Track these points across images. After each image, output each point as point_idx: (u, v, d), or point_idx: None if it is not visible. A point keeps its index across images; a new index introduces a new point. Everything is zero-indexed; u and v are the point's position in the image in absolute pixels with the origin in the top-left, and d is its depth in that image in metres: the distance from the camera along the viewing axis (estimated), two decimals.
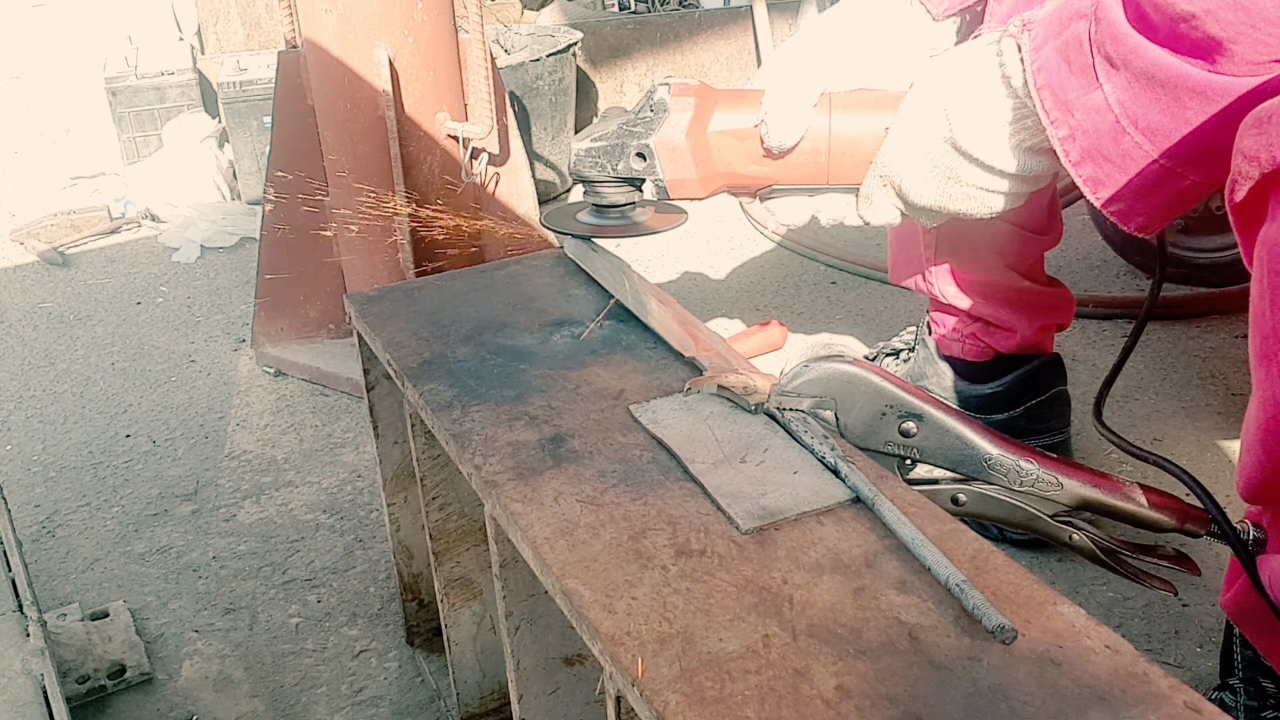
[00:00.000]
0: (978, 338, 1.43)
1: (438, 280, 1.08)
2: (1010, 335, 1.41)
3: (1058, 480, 0.76)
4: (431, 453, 0.98)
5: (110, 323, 2.17)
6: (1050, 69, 0.79)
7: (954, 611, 0.60)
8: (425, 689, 1.19)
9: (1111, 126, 0.77)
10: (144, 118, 2.93)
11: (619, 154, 0.98)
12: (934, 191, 0.90)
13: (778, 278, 2.19)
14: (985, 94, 0.85)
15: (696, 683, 0.56)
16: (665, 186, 0.98)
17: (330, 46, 1.59)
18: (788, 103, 0.93)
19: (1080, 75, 0.77)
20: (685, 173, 0.98)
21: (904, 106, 0.90)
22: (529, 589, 0.79)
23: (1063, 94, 0.79)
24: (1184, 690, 0.54)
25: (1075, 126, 0.79)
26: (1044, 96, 0.80)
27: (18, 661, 0.94)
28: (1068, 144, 0.80)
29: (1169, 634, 1.19)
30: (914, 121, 0.89)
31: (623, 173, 0.99)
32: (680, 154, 0.97)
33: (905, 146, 0.90)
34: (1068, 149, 0.80)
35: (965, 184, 0.89)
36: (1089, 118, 0.78)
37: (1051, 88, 0.79)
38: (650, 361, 0.90)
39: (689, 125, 0.97)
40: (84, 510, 1.55)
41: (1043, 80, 0.80)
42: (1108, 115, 0.77)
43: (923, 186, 0.90)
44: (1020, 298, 1.40)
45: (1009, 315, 1.40)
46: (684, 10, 3.33)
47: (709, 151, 0.98)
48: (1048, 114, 0.80)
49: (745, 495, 0.70)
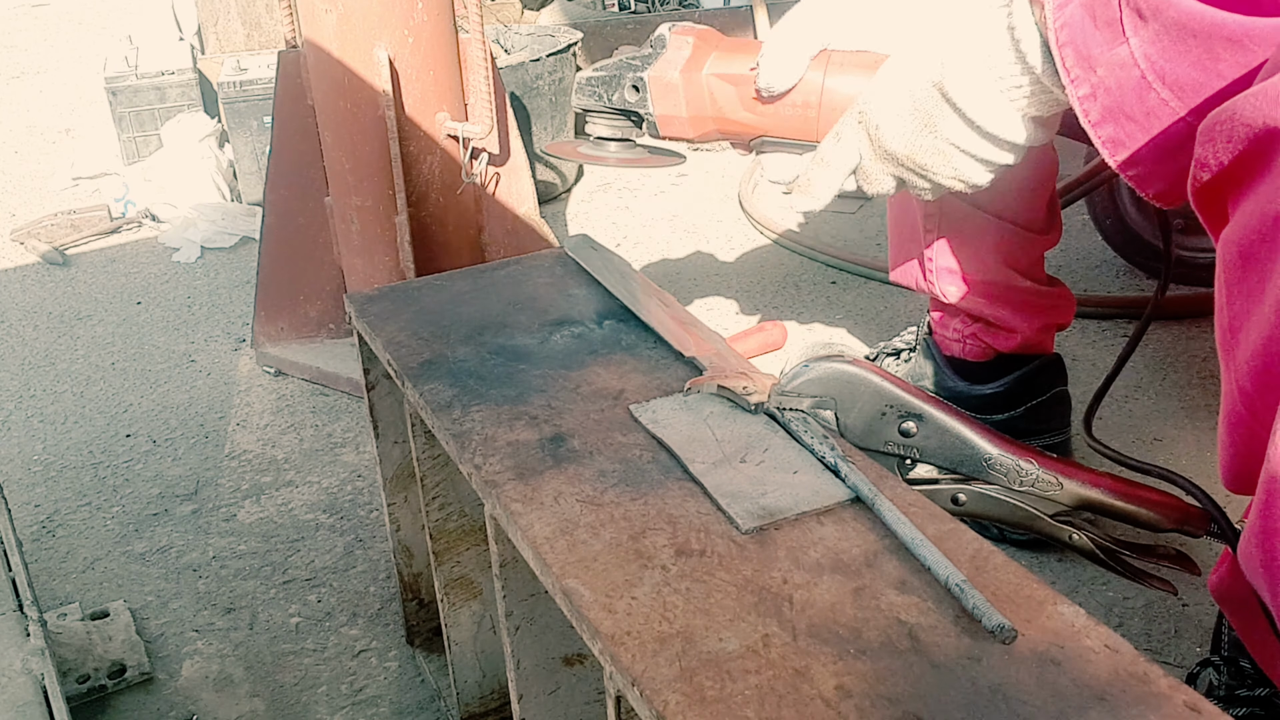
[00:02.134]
0: (979, 338, 1.43)
1: (438, 280, 1.08)
2: (1011, 336, 1.41)
3: (1057, 480, 0.76)
4: (431, 452, 0.98)
5: (110, 323, 2.17)
6: (1074, 25, 0.76)
7: (954, 611, 0.60)
8: (425, 689, 1.19)
9: (1137, 82, 0.74)
10: (144, 118, 2.93)
11: (615, 84, 1.00)
12: (907, 137, 0.88)
13: (778, 278, 2.19)
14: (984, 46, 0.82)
15: (696, 682, 0.56)
16: (655, 121, 1.00)
17: (330, 46, 1.59)
18: (785, 49, 0.92)
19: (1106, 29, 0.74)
20: (676, 110, 0.98)
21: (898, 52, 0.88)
22: (529, 589, 0.79)
23: (1085, 50, 0.76)
24: (1184, 690, 0.54)
25: (1097, 84, 0.76)
26: (1065, 54, 0.77)
27: (18, 661, 0.94)
28: (1088, 103, 0.77)
29: (1169, 634, 1.19)
30: (905, 62, 0.87)
31: (617, 103, 1.00)
32: (673, 90, 0.98)
33: (890, 84, 0.87)
34: (1088, 108, 0.77)
35: (940, 137, 0.86)
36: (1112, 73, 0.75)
37: (1074, 44, 0.76)
38: (650, 361, 0.90)
39: (685, 63, 0.97)
40: (84, 510, 1.55)
41: (1065, 37, 0.77)
42: (1133, 70, 0.74)
43: (898, 128, 0.88)
44: (1021, 298, 1.39)
45: (1010, 315, 1.40)
46: (684, 10, 3.33)
47: (701, 92, 0.98)
48: (1068, 71, 0.77)
49: (745, 495, 0.70)
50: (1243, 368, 0.70)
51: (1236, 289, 0.69)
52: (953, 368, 1.46)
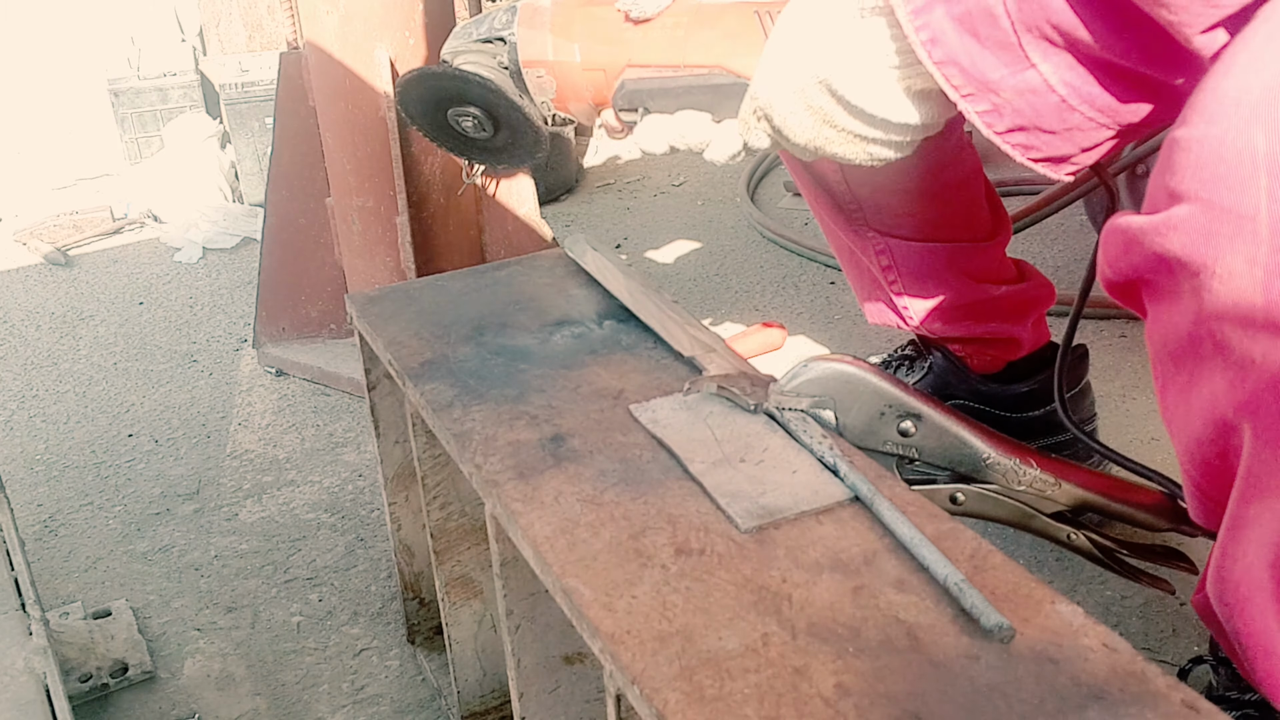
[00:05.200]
0: (983, 353, 1.40)
1: (438, 280, 1.09)
2: (1015, 346, 1.38)
3: (1056, 480, 0.76)
4: (432, 452, 0.98)
5: (113, 323, 2.17)
6: (950, 42, 0.70)
7: (952, 610, 0.60)
8: (426, 687, 1.19)
9: (1057, 105, 0.70)
10: (146, 119, 2.94)
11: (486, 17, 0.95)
12: (809, 133, 0.80)
13: (777, 278, 2.19)
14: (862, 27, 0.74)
15: (696, 681, 0.56)
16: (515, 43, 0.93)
17: (331, 48, 1.59)
18: None
19: (1001, 52, 0.69)
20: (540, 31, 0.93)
21: (778, 24, 0.79)
22: (529, 588, 0.79)
23: (978, 73, 0.70)
24: (1181, 689, 0.54)
25: (1001, 104, 0.71)
26: (949, 73, 0.71)
27: (20, 660, 0.94)
28: (990, 117, 0.72)
29: (1166, 633, 1.20)
30: (784, 49, 0.78)
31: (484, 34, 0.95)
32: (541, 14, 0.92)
33: (776, 79, 0.79)
34: (990, 121, 0.72)
35: (842, 129, 0.79)
36: (1021, 97, 0.70)
37: (959, 65, 0.70)
38: (650, 361, 0.90)
39: None
40: (86, 509, 1.55)
41: (941, 55, 0.70)
42: (1049, 96, 0.70)
43: (797, 126, 0.80)
44: (1004, 304, 1.35)
45: (1001, 325, 1.36)
46: None
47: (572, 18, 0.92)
48: (958, 89, 0.71)
49: (744, 494, 0.71)
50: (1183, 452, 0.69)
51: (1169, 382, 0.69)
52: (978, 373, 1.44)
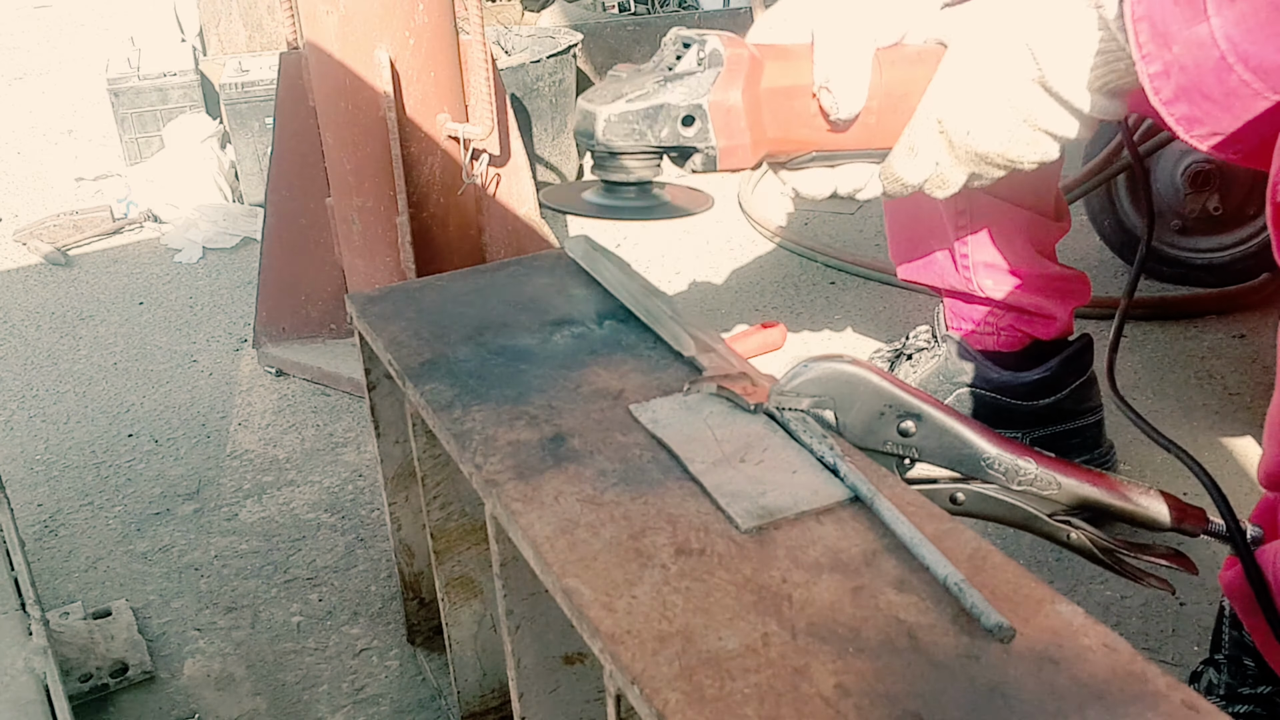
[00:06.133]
0: (1015, 328, 1.46)
1: (438, 280, 1.09)
2: (1050, 323, 1.44)
3: (1056, 479, 0.76)
4: (432, 452, 0.98)
5: (113, 323, 2.17)
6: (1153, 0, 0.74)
7: (952, 610, 0.60)
8: (426, 687, 1.19)
9: (1216, 63, 0.72)
10: (146, 119, 2.93)
11: (662, 117, 0.82)
12: (1004, 136, 0.84)
13: (777, 278, 2.19)
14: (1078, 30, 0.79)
15: (696, 681, 0.56)
16: (716, 156, 0.83)
17: (331, 48, 1.59)
18: (850, 64, 0.83)
19: (1186, 6, 0.72)
20: (739, 137, 0.83)
21: (964, 50, 0.84)
22: (529, 588, 0.79)
23: (1163, 25, 0.73)
24: (1181, 689, 0.54)
25: (1171, 61, 0.74)
26: (1140, 28, 0.74)
27: (20, 660, 0.94)
28: (1159, 80, 0.75)
29: (1166, 633, 1.20)
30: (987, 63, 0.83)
31: (666, 140, 0.83)
32: (736, 115, 0.82)
33: (977, 89, 0.83)
34: (1159, 85, 0.75)
35: (1038, 128, 0.84)
36: (1189, 52, 0.72)
37: (1151, 19, 0.74)
38: (650, 361, 0.90)
39: (745, 81, 0.82)
40: (86, 509, 1.55)
41: (1141, 10, 0.74)
42: (1212, 51, 0.71)
43: (993, 130, 0.84)
44: (1054, 284, 1.43)
45: (1048, 302, 1.42)
46: (684, 12, 3.33)
47: (761, 113, 0.85)
48: (1140, 47, 0.74)
49: (745, 494, 0.71)
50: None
51: None
52: (991, 359, 1.47)
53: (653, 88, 0.83)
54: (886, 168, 0.90)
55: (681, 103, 0.82)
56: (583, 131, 0.85)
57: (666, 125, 0.82)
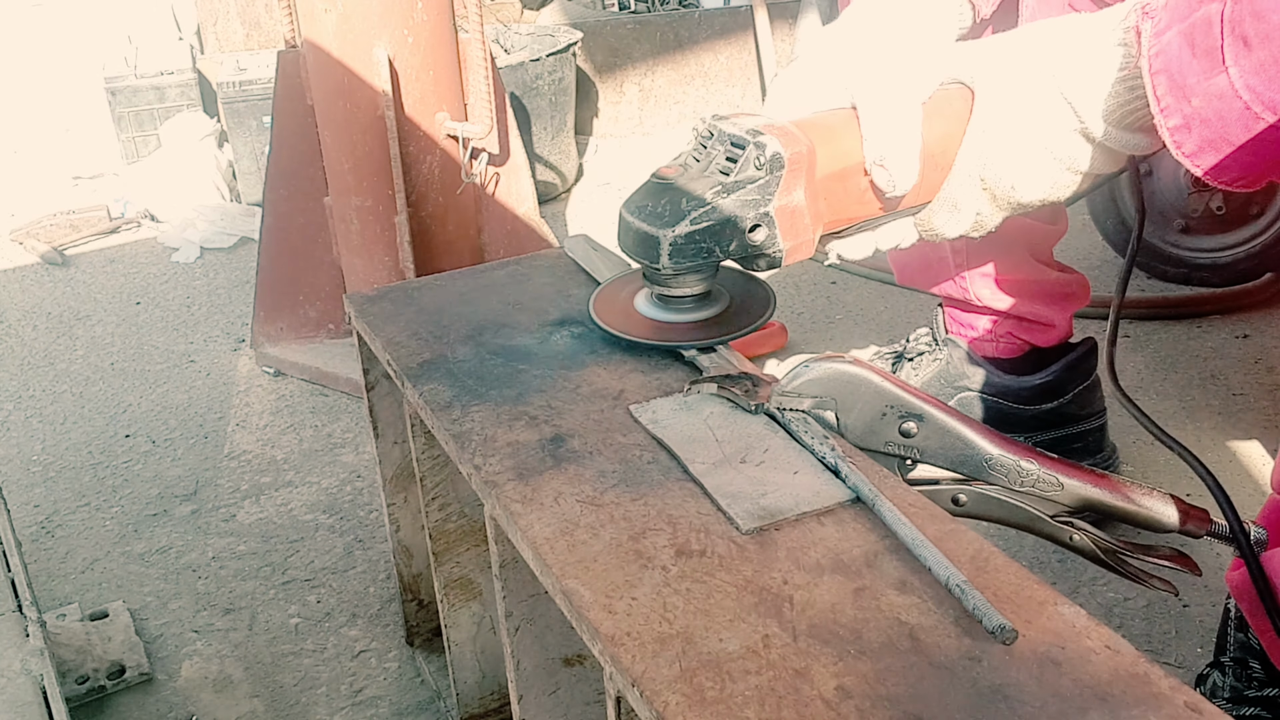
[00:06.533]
0: (1014, 336, 1.45)
1: (437, 280, 1.08)
2: (1049, 330, 1.44)
3: (1058, 480, 0.76)
4: (431, 453, 0.98)
5: (110, 323, 2.17)
6: (1170, 53, 0.74)
7: (954, 612, 0.60)
8: (425, 689, 1.18)
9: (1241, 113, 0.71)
10: (143, 117, 2.93)
11: (732, 231, 0.78)
12: (1047, 184, 0.84)
13: (778, 278, 2.19)
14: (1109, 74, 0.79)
15: (696, 683, 0.56)
16: (781, 256, 0.80)
17: (330, 46, 1.59)
18: (903, 138, 0.81)
19: (1204, 59, 0.72)
20: (804, 234, 0.81)
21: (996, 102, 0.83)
22: (529, 589, 0.79)
23: (1181, 79, 0.73)
24: (1184, 691, 0.54)
25: (1191, 115, 0.74)
26: (1158, 81, 0.74)
27: (17, 662, 0.94)
28: (1180, 134, 0.75)
29: (1169, 634, 1.19)
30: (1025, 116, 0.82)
31: (734, 254, 0.80)
32: (800, 215, 0.80)
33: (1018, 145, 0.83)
34: (1180, 139, 0.75)
35: (1080, 172, 0.84)
36: (1209, 104, 0.73)
37: (1169, 72, 0.74)
38: (650, 361, 0.90)
39: (805, 177, 0.79)
40: (83, 510, 1.55)
41: (1160, 64, 0.74)
42: (1234, 102, 0.71)
43: (1039, 182, 0.84)
44: (1052, 289, 1.42)
45: (1045, 309, 1.42)
46: (684, 10, 3.33)
47: (819, 202, 0.82)
48: (1159, 100, 0.75)
49: (745, 495, 0.70)
50: None
51: None
52: (994, 364, 1.47)
53: (713, 198, 0.79)
54: (926, 223, 0.88)
55: (749, 215, 0.78)
56: (644, 256, 0.81)
57: (735, 239, 0.79)
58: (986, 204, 0.86)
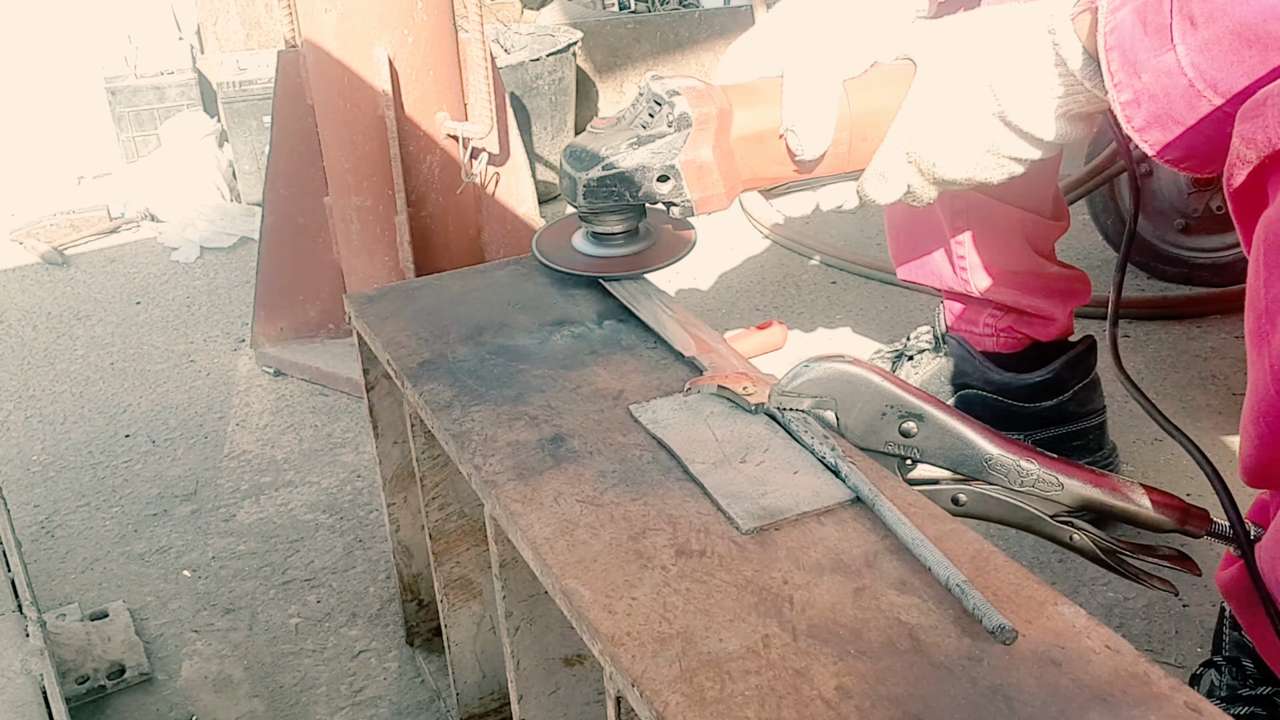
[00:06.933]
0: (1014, 330, 1.45)
1: (437, 280, 1.08)
2: (1049, 324, 1.44)
3: (1058, 480, 0.76)
4: (431, 453, 0.98)
5: (110, 323, 2.17)
6: (1123, 29, 0.76)
7: (954, 612, 0.60)
8: (425, 689, 1.18)
9: (1185, 90, 0.73)
10: (143, 117, 2.93)
11: (638, 179, 0.88)
12: (969, 165, 0.88)
13: (778, 278, 2.19)
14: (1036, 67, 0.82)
15: (696, 683, 0.56)
16: (691, 206, 0.89)
17: (330, 46, 1.59)
18: (815, 107, 0.87)
19: (1154, 36, 0.74)
20: (713, 188, 0.89)
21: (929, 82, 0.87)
22: (529, 589, 0.79)
23: (1132, 54, 0.75)
24: (1184, 690, 0.54)
25: (1141, 90, 0.76)
26: (1112, 58, 0.77)
27: (17, 662, 0.94)
28: (1130, 108, 0.77)
29: (1169, 634, 1.19)
30: (952, 97, 0.86)
31: (643, 199, 0.89)
32: (708, 170, 0.88)
33: (942, 123, 0.87)
34: (1130, 114, 0.77)
35: (1001, 155, 0.88)
36: (1157, 80, 0.75)
37: (1121, 48, 0.76)
38: (650, 361, 0.90)
39: (714, 136, 0.87)
40: (83, 510, 1.55)
41: (1114, 41, 0.76)
42: (1179, 79, 0.73)
43: (958, 161, 0.88)
44: (1053, 284, 1.42)
45: (1046, 303, 1.42)
46: (684, 10, 3.33)
47: (733, 160, 0.90)
48: (1113, 75, 0.77)
49: (745, 495, 0.70)
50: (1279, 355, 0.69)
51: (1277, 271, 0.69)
52: (994, 361, 1.47)
53: (626, 150, 0.88)
54: (860, 189, 0.94)
55: (655, 164, 0.87)
56: (569, 195, 0.92)
57: (643, 185, 0.88)
58: (915, 177, 0.91)
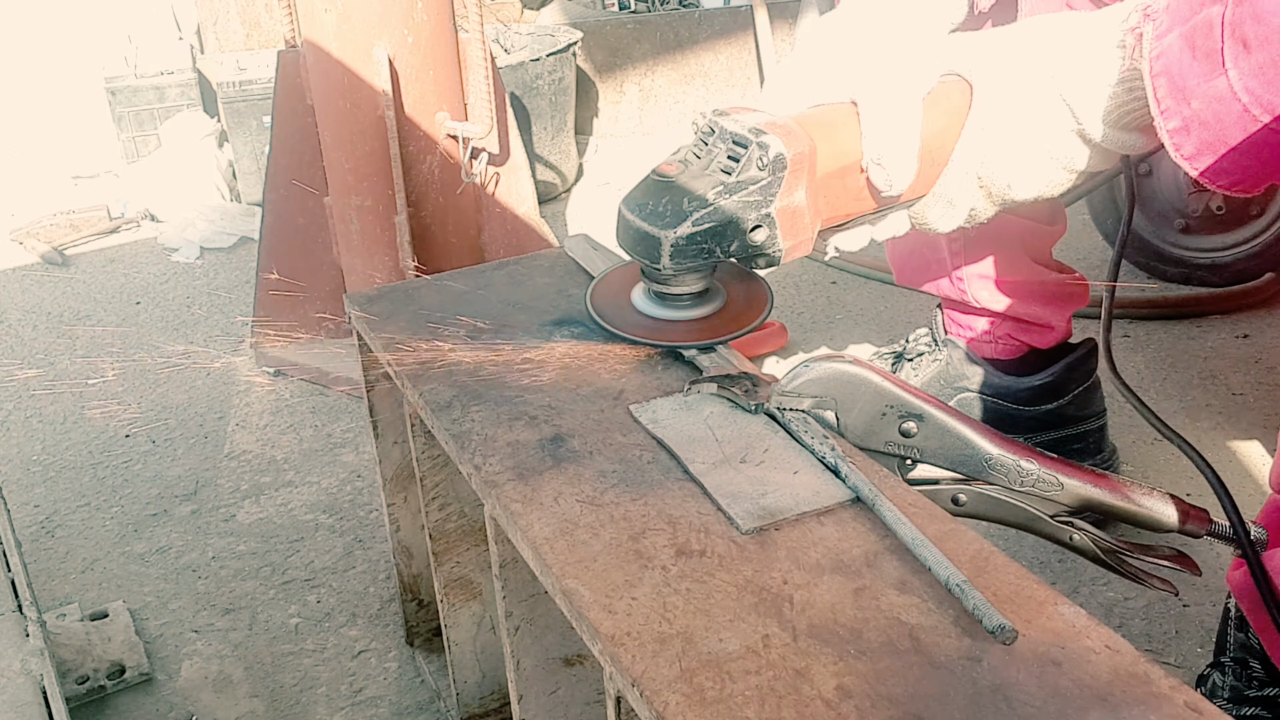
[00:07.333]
0: (1012, 337, 1.45)
1: (437, 280, 1.08)
2: (1048, 331, 1.44)
3: (1058, 480, 0.76)
4: (431, 453, 0.98)
5: (110, 322, 2.17)
6: (1171, 55, 0.74)
7: (954, 612, 0.60)
8: (425, 689, 1.18)
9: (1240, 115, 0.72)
10: (143, 117, 2.93)
11: (734, 232, 0.78)
12: (1043, 183, 0.85)
13: (778, 278, 2.19)
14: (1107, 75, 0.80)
15: (696, 683, 0.56)
16: (779, 256, 0.80)
17: (330, 46, 1.59)
18: (901, 137, 0.81)
19: (1204, 61, 0.72)
20: (803, 234, 0.80)
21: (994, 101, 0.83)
22: (529, 589, 0.78)
23: (1181, 81, 0.73)
24: (1184, 690, 0.54)
25: (1190, 117, 0.74)
26: (1159, 84, 0.75)
27: (17, 662, 0.94)
28: (1179, 136, 0.75)
29: (1169, 634, 1.19)
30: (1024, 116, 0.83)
31: (735, 253, 0.79)
32: (800, 215, 0.79)
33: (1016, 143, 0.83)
34: (1179, 141, 0.75)
35: (1074, 170, 0.85)
36: (1209, 106, 0.73)
37: (1169, 74, 0.74)
38: (650, 361, 0.89)
39: (807, 177, 0.78)
40: (83, 510, 1.55)
41: (1161, 66, 0.75)
42: (1233, 104, 0.71)
43: (1035, 180, 0.85)
44: (1050, 290, 1.42)
45: (1044, 311, 1.42)
46: (684, 10, 3.33)
47: (818, 199, 0.81)
48: (1159, 102, 0.75)
49: (745, 495, 0.70)
50: None
51: None
52: (993, 365, 1.47)
53: (715, 198, 0.78)
54: (920, 217, 0.88)
55: (751, 216, 0.78)
56: (644, 255, 0.80)
57: (736, 240, 0.78)
58: (981, 200, 0.87)
